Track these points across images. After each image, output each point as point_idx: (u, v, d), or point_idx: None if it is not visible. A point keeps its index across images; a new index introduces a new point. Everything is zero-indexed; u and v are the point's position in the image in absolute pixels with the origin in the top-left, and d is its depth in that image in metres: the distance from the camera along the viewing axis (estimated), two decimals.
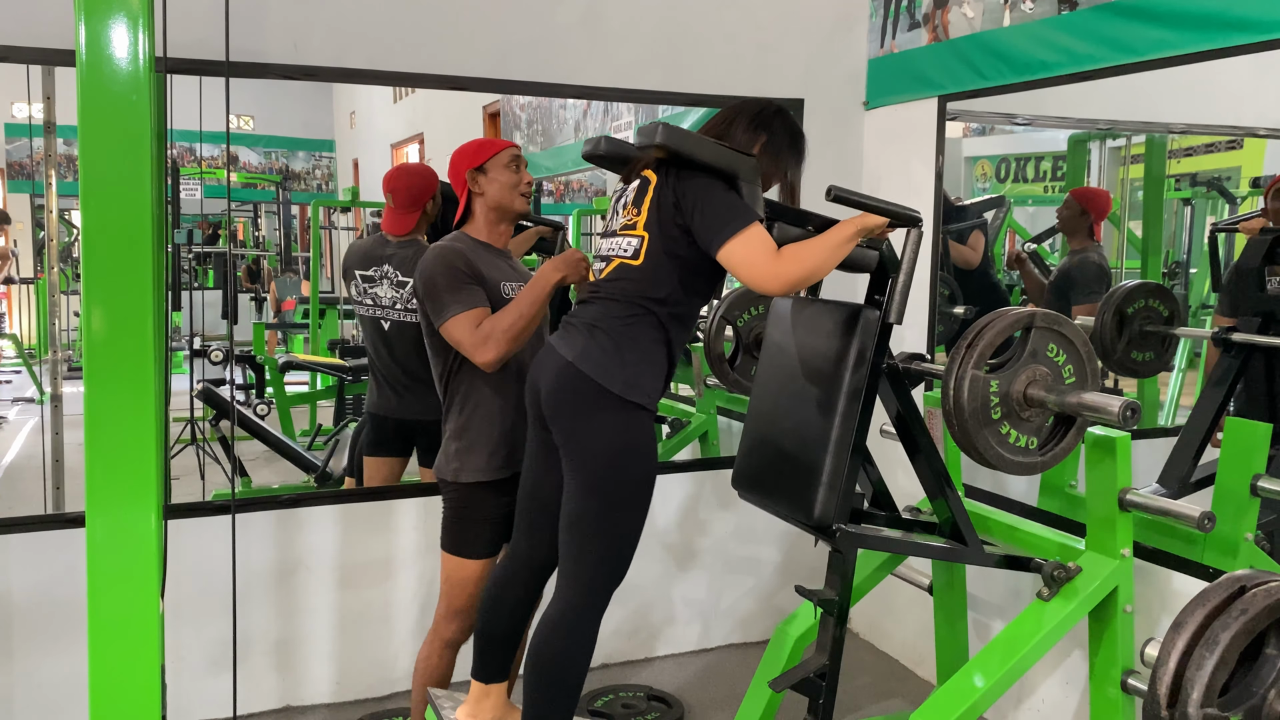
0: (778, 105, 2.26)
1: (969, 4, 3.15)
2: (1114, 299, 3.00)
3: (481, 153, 2.51)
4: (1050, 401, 2.02)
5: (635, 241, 2.13)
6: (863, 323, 2.10)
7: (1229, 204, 3.54)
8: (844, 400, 2.08)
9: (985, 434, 2.02)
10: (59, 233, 3.37)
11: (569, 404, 2.11)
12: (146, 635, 1.59)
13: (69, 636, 2.87)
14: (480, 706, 2.36)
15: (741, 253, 1.98)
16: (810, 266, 2.00)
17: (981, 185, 4.27)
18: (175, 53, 1.92)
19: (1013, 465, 2.06)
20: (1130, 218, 3.76)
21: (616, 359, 2.08)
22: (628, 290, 2.12)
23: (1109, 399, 1.95)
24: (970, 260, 3.64)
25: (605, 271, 2.18)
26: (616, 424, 2.08)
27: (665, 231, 2.09)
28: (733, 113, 2.23)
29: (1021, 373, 2.03)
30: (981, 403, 2.00)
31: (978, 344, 2.00)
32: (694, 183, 2.06)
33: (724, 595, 3.70)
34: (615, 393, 2.06)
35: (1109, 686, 2.25)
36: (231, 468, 4.01)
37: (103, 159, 1.51)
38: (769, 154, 2.19)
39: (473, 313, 2.35)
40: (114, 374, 1.54)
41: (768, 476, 2.29)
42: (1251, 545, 2.33)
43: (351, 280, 3.27)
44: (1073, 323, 2.07)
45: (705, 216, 2.02)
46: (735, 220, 2.00)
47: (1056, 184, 4.00)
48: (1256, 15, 2.31)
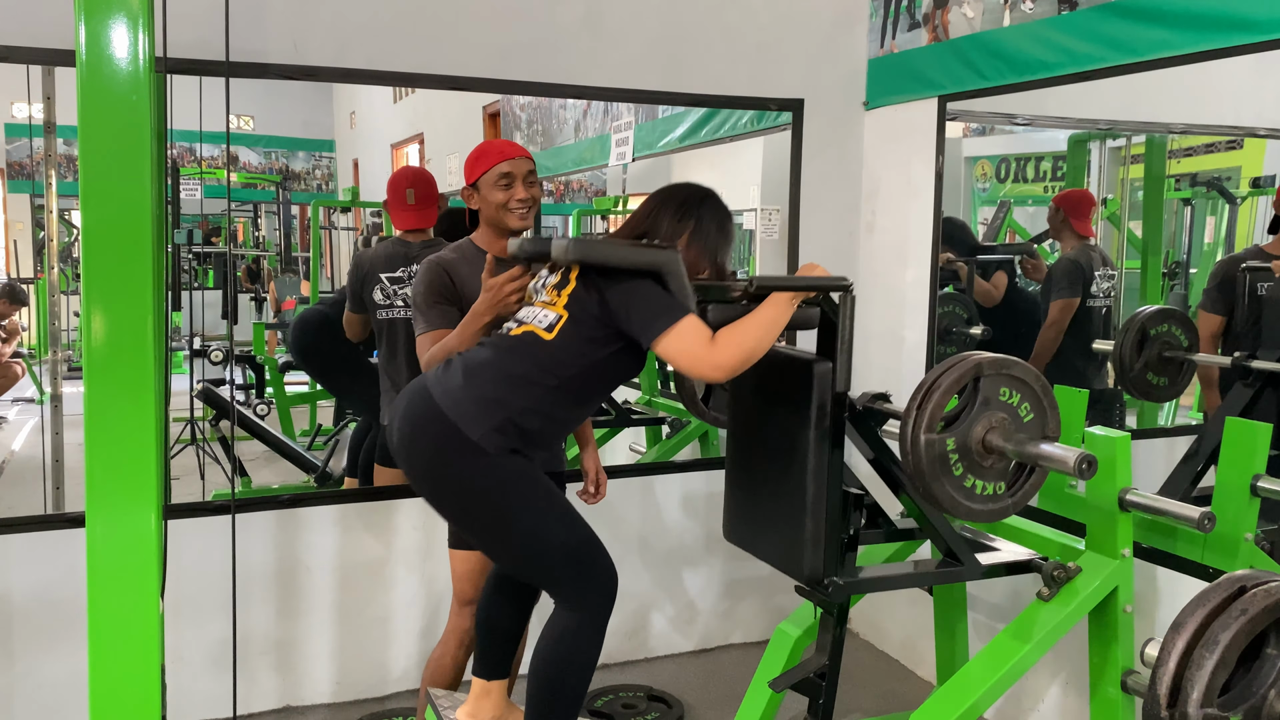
0: (704, 192, 2.23)
1: (969, 4, 3.15)
2: (1139, 319, 3.02)
3: (475, 168, 2.51)
4: (1009, 451, 2.01)
5: (553, 317, 2.09)
6: (818, 377, 2.06)
7: (1229, 204, 3.54)
8: (812, 458, 2.06)
9: (949, 491, 2.00)
10: (59, 233, 3.37)
11: (423, 449, 2.07)
12: (146, 635, 1.59)
13: (69, 636, 2.87)
14: (481, 705, 2.35)
15: (676, 347, 1.96)
16: (748, 349, 1.97)
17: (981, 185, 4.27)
18: (175, 53, 1.92)
19: (982, 514, 2.05)
20: (1130, 218, 3.76)
21: (486, 409, 2.03)
22: (529, 354, 2.07)
23: (1065, 451, 1.95)
24: (991, 297, 3.70)
25: (515, 331, 2.13)
26: (469, 466, 2.04)
27: (584, 320, 2.06)
28: (658, 202, 2.20)
29: (977, 423, 2.01)
30: (940, 462, 1.98)
31: (927, 405, 1.98)
32: (618, 286, 2.02)
33: (724, 595, 3.70)
34: (473, 440, 2.01)
35: (1109, 686, 2.25)
36: (231, 468, 4.02)
37: (103, 159, 1.51)
38: (696, 243, 2.16)
39: (431, 334, 2.43)
40: (114, 374, 1.54)
41: (754, 532, 2.30)
42: (1251, 545, 2.33)
43: (375, 284, 3.21)
44: (1022, 363, 2.04)
45: (634, 317, 2.00)
46: (665, 315, 1.97)
47: (1056, 184, 4.01)
48: (1256, 15, 2.31)
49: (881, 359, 3.60)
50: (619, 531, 3.50)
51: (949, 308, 3.52)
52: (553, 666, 2.10)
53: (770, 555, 2.24)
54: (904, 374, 3.48)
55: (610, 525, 3.47)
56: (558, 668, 2.10)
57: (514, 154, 2.51)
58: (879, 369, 3.61)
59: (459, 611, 2.55)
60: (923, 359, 3.39)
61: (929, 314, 3.39)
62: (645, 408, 4.22)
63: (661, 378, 4.27)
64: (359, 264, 3.41)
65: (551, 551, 2.10)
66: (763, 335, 1.99)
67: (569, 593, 2.11)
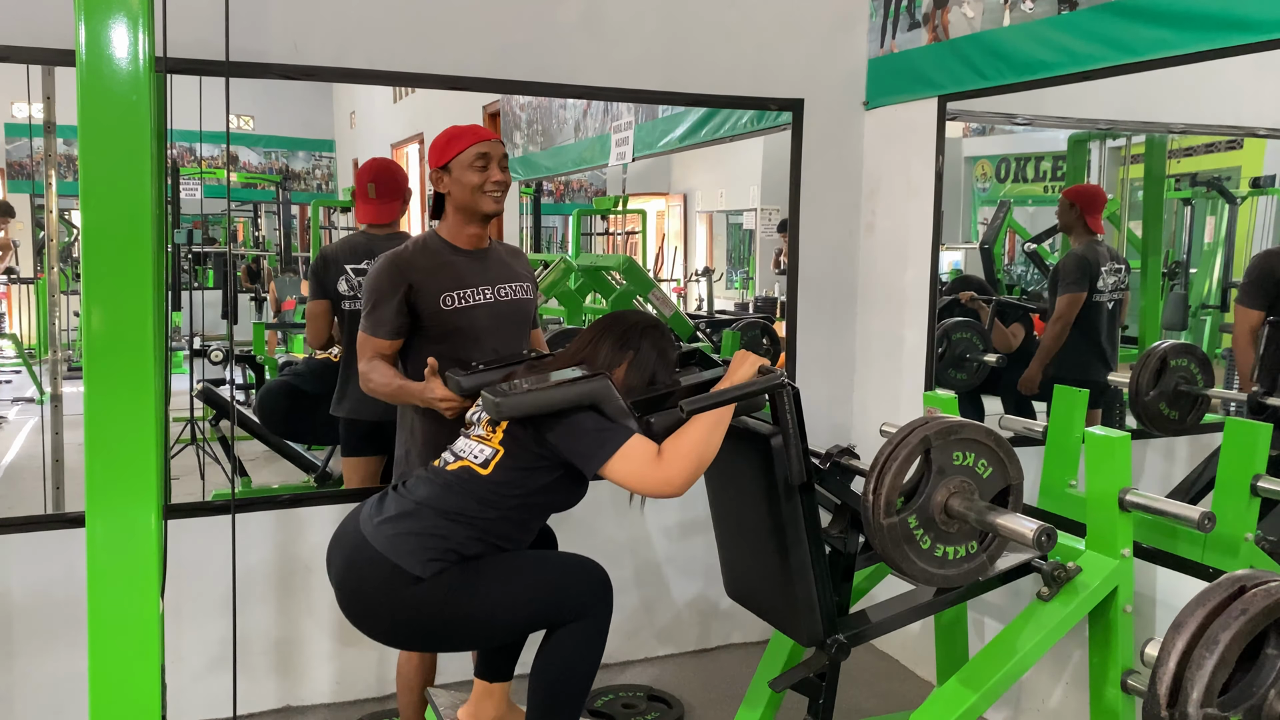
0: (648, 322, 2.23)
1: (969, 4, 3.15)
2: (1159, 351, 3.01)
3: (446, 150, 2.43)
4: (971, 519, 1.98)
5: (489, 452, 2.08)
6: (775, 453, 2.05)
7: (1229, 204, 3.54)
8: (787, 529, 2.06)
9: (920, 565, 1.99)
10: (59, 233, 3.37)
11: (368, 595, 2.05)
12: (146, 635, 1.59)
13: (69, 636, 2.87)
14: (482, 706, 2.35)
15: (625, 469, 1.95)
16: (696, 457, 1.96)
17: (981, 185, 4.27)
18: (175, 53, 1.92)
19: (957, 578, 2.05)
20: (1130, 218, 3.76)
21: (427, 542, 2.02)
22: (466, 489, 2.07)
23: (1025, 525, 1.92)
24: (1007, 346, 3.72)
25: (451, 466, 2.11)
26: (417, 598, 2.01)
27: (520, 456, 2.05)
28: (600, 331, 2.20)
29: (935, 493, 1.99)
30: (906, 540, 1.97)
31: (881, 490, 1.95)
32: (557, 426, 2.01)
33: (724, 596, 3.68)
34: (413, 573, 2.00)
35: (1109, 686, 2.25)
36: (231, 468, 4.02)
37: (103, 159, 1.51)
38: (635, 370, 2.16)
39: (372, 342, 2.44)
40: (114, 374, 1.54)
41: (753, 593, 2.33)
42: (1251, 545, 2.33)
43: (340, 275, 3.26)
44: (970, 423, 2.02)
45: (578, 449, 1.99)
46: (607, 444, 1.96)
47: (1056, 184, 4.01)
48: (1256, 15, 2.31)
49: (881, 359, 3.60)
50: (618, 532, 3.50)
51: (964, 334, 3.54)
52: (555, 670, 2.10)
53: (770, 619, 2.28)
54: (904, 374, 3.48)
55: (610, 525, 3.47)
56: (560, 672, 2.10)
57: (489, 136, 2.45)
58: (879, 369, 3.61)
59: None
60: (922, 359, 3.39)
61: (929, 314, 3.39)
62: None
63: None
64: (324, 256, 3.44)
65: (530, 617, 2.10)
66: (708, 441, 1.98)
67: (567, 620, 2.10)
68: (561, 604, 2.09)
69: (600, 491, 3.13)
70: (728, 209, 8.69)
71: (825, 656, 2.12)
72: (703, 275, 8.21)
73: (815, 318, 3.64)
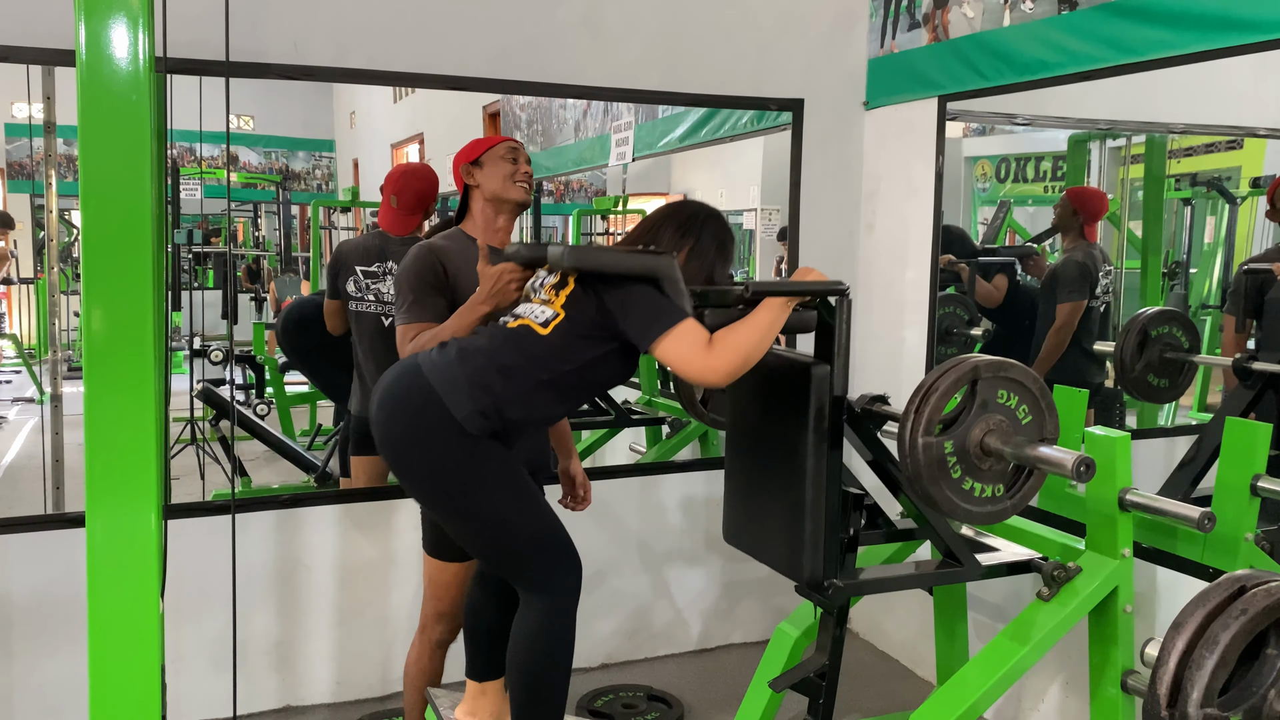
0: (709, 212, 2.23)
1: (969, 4, 3.15)
2: (1139, 321, 3.02)
3: (478, 147, 2.52)
4: (1007, 454, 2.01)
5: (550, 314, 2.10)
6: (815, 380, 2.06)
7: (1229, 204, 3.54)
8: (810, 461, 2.06)
9: (947, 494, 2.00)
10: (59, 233, 3.37)
11: (405, 421, 2.07)
12: (146, 635, 1.59)
13: (69, 636, 2.87)
14: (478, 704, 2.35)
15: (674, 350, 1.96)
16: (745, 353, 1.97)
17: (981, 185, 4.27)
18: (175, 53, 1.92)
19: (981, 516, 2.05)
20: (1130, 218, 3.76)
21: (475, 392, 2.03)
22: (523, 346, 2.08)
23: (1063, 455, 1.94)
24: (991, 300, 3.71)
25: (511, 324, 2.14)
26: (448, 444, 2.04)
27: (580, 320, 2.07)
28: (662, 219, 2.21)
29: (975, 426, 2.01)
30: (938, 465, 1.98)
31: (925, 409, 1.97)
32: (616, 291, 2.03)
33: (724, 595, 3.70)
34: (457, 418, 2.02)
35: (1109, 686, 2.25)
36: (231, 468, 4.02)
37: (103, 159, 1.51)
38: (695, 259, 2.17)
39: (414, 326, 2.39)
40: (114, 374, 1.54)
41: (754, 535, 2.30)
42: (1251, 545, 2.33)
43: (350, 275, 3.27)
44: (1019, 365, 2.04)
45: (632, 321, 2.00)
46: (663, 319, 1.97)
47: (1056, 184, 4.00)
48: (1256, 15, 2.31)
49: (881, 359, 3.60)
50: (619, 531, 3.50)
51: (950, 308, 3.52)
52: (529, 666, 2.09)
53: (770, 558, 2.24)
54: (903, 374, 3.48)
55: (610, 525, 3.47)
56: (534, 667, 2.09)
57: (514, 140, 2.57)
58: (878, 369, 3.61)
59: (434, 621, 2.52)
60: (922, 359, 3.39)
61: (929, 314, 3.39)
62: (645, 408, 4.22)
63: (661, 378, 4.27)
64: (338, 254, 3.46)
65: (521, 539, 2.10)
66: (759, 339, 1.99)
67: (534, 580, 2.10)
68: (544, 562, 2.09)
69: (600, 491, 3.13)
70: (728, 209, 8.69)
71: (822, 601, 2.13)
72: None
73: None
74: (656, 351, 1.98)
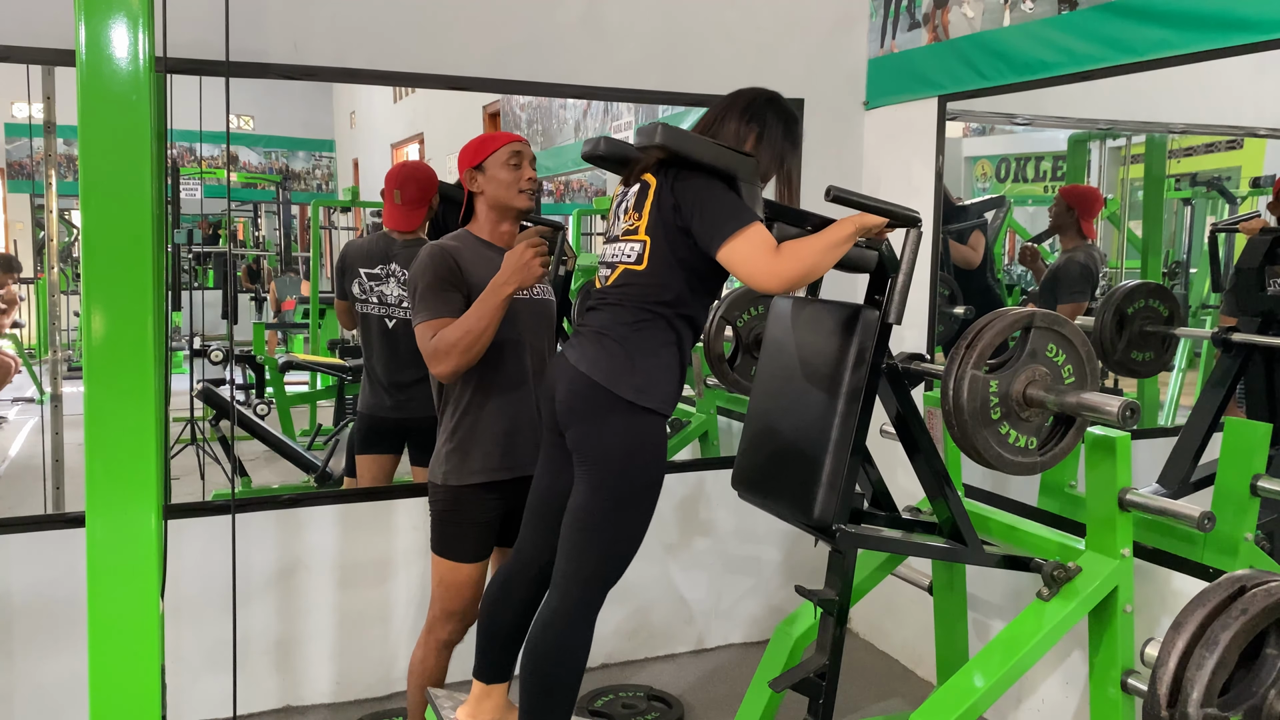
0: (769, 95, 2.24)
1: (969, 4, 3.15)
2: (1114, 299, 2.99)
3: (481, 150, 2.48)
4: (1050, 402, 2.02)
5: (638, 246, 2.13)
6: (862, 322, 2.09)
7: (1229, 204, 3.54)
8: (844, 400, 2.08)
9: (985, 434, 2.01)
10: (59, 233, 3.37)
11: (580, 411, 2.10)
12: (146, 635, 1.59)
13: (69, 636, 2.87)
14: (481, 707, 2.35)
15: (742, 251, 1.97)
16: (809, 264, 1.99)
17: (981, 185, 4.27)
18: (175, 53, 1.92)
19: (1013, 465, 2.06)
20: (1130, 218, 3.76)
21: (627, 365, 2.07)
22: (634, 295, 2.11)
23: (1108, 399, 1.95)
24: (971, 260, 3.66)
25: (610, 278, 2.17)
26: (628, 428, 2.08)
27: (668, 235, 2.09)
28: (724, 109, 2.21)
29: (1021, 373, 2.03)
30: (981, 403, 1.99)
31: (977, 344, 2.00)
32: (692, 183, 2.05)
33: (724, 595, 3.70)
34: (626, 399, 2.06)
35: (1109, 686, 2.25)
36: (231, 468, 4.02)
37: (103, 159, 1.51)
38: (765, 147, 2.18)
39: (435, 322, 2.34)
40: (114, 374, 1.54)
41: (767, 477, 2.28)
42: (1251, 545, 2.33)
43: (354, 278, 3.28)
44: (1072, 323, 2.06)
45: (705, 217, 2.02)
46: (734, 219, 1.99)
47: (1056, 184, 4.00)
48: (1256, 15, 2.31)
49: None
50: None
51: None
52: (545, 663, 2.10)
53: (780, 500, 2.23)
54: None
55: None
56: (550, 664, 2.10)
57: (521, 139, 2.52)
58: None
59: (442, 621, 2.50)
60: None
61: (929, 314, 3.40)
62: None
63: None
64: (343, 256, 3.46)
65: (614, 530, 2.11)
66: (825, 256, 2.01)
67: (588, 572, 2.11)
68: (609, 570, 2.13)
69: None
70: None
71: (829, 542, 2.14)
72: None
73: None
74: (723, 251, 1.99)
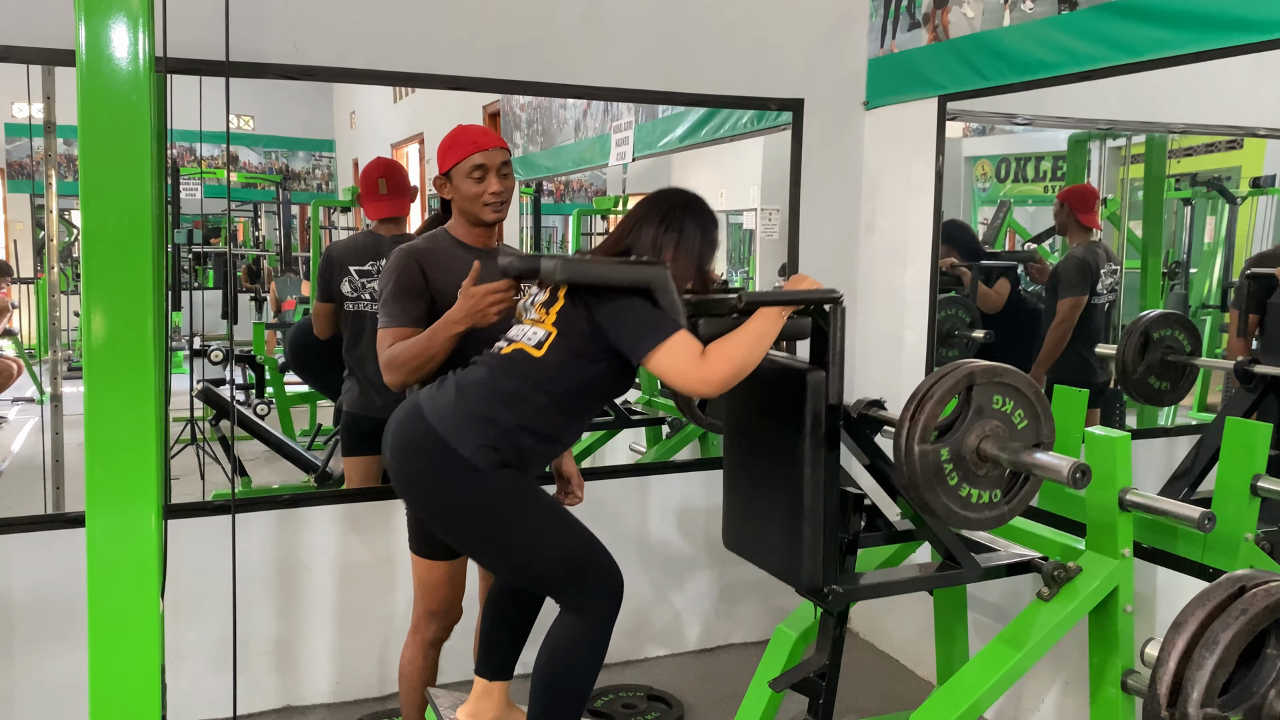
0: (687, 200, 2.22)
1: (969, 4, 3.15)
2: (1141, 323, 3.02)
3: (447, 158, 2.43)
4: (1003, 460, 2.00)
5: (542, 334, 2.10)
6: (811, 386, 2.06)
7: (1229, 204, 3.54)
8: (808, 467, 2.06)
9: (944, 501, 1.99)
10: (59, 233, 3.37)
11: (415, 467, 2.09)
12: (146, 635, 1.59)
13: (69, 636, 2.87)
14: (482, 705, 2.35)
15: (667, 362, 1.95)
16: (738, 363, 1.97)
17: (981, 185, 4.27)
18: (175, 53, 1.92)
19: (979, 522, 2.05)
20: (1130, 218, 3.77)
21: (477, 426, 2.05)
22: (520, 371, 2.09)
23: (1059, 461, 1.93)
24: (994, 305, 3.73)
25: (505, 350, 2.15)
26: (461, 483, 2.05)
27: (572, 338, 2.07)
28: (642, 215, 2.19)
29: (971, 432, 2.00)
30: (935, 472, 1.97)
31: (920, 416, 1.96)
32: (606, 307, 2.02)
33: (724, 595, 3.70)
34: (464, 455, 2.03)
35: (1109, 686, 2.25)
36: (231, 468, 4.02)
37: (103, 159, 1.50)
38: (683, 253, 2.15)
39: (394, 331, 2.36)
40: (114, 374, 1.53)
41: (753, 539, 2.31)
42: (1251, 545, 2.32)
43: (344, 276, 3.29)
44: (1014, 370, 2.03)
45: (625, 333, 2.00)
46: (655, 332, 1.96)
47: (1056, 184, 4.01)
48: (1256, 15, 2.31)
49: (881, 359, 3.60)
50: (618, 531, 3.50)
51: (951, 311, 3.52)
52: (557, 669, 2.10)
53: (769, 563, 2.25)
54: (903, 374, 3.48)
55: (610, 525, 3.46)
56: (562, 670, 2.10)
57: (488, 144, 2.41)
58: (878, 369, 3.61)
59: (426, 621, 2.50)
60: (922, 359, 3.39)
61: (929, 314, 3.39)
62: (645, 408, 4.23)
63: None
64: (329, 256, 3.46)
65: (551, 562, 2.11)
66: (753, 349, 1.99)
67: (572, 599, 2.12)
68: (580, 577, 2.10)
69: (601, 490, 3.13)
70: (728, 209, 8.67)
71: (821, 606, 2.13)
72: None
73: None
74: (649, 364, 1.97)
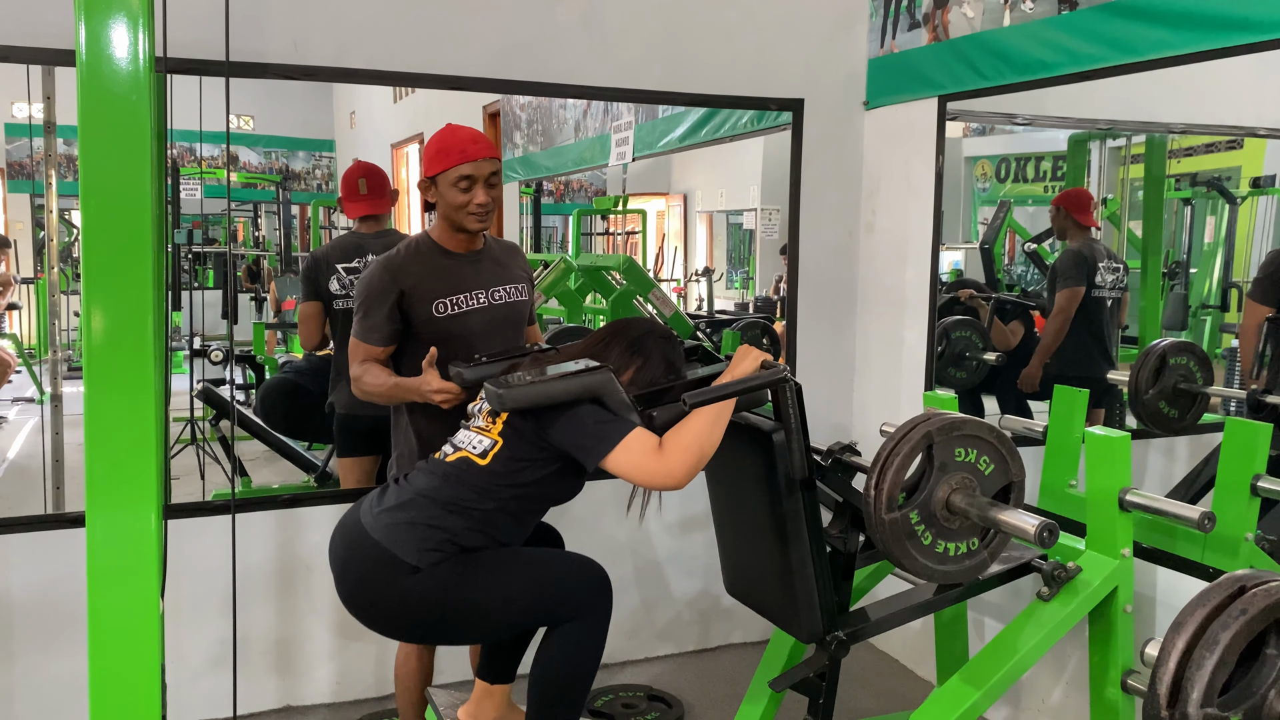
0: (661, 333, 2.22)
1: (969, 4, 3.15)
2: (1158, 349, 3.02)
3: (434, 164, 2.41)
4: (973, 515, 1.98)
5: (488, 443, 2.09)
6: (777, 449, 2.05)
7: (1229, 204, 3.55)
8: (789, 525, 2.06)
9: (922, 561, 1.99)
10: (59, 233, 3.37)
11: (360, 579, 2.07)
12: (146, 635, 1.59)
13: (69, 636, 2.87)
14: (482, 705, 2.35)
15: (625, 461, 1.95)
16: (697, 450, 1.96)
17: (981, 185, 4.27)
18: (175, 53, 1.92)
19: (960, 573, 2.04)
20: (1130, 218, 3.77)
21: (420, 533, 2.03)
22: (465, 480, 2.08)
23: (1027, 520, 1.90)
24: (1005, 344, 3.76)
25: (450, 457, 2.13)
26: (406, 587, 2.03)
27: (519, 447, 2.06)
28: (612, 335, 2.20)
29: (938, 489, 1.98)
30: (908, 536, 1.96)
31: (884, 485, 1.95)
32: (559, 419, 2.02)
33: (724, 595, 3.68)
34: (410, 563, 2.01)
35: (1109, 686, 2.25)
36: (231, 468, 4.02)
37: (103, 159, 1.51)
38: (641, 376, 2.15)
39: (362, 347, 2.43)
40: (114, 374, 1.54)
41: (752, 593, 2.33)
42: (1251, 545, 2.33)
43: (331, 274, 3.33)
44: (970, 419, 2.01)
45: (580, 443, 1.99)
46: (609, 436, 1.96)
47: (1056, 184, 4.01)
48: (1256, 15, 2.31)
49: (881, 359, 3.60)
50: (618, 531, 3.50)
51: (964, 333, 3.54)
52: (554, 670, 2.10)
53: (771, 614, 2.28)
54: (904, 375, 3.48)
55: (609, 525, 3.47)
56: (560, 671, 2.10)
57: (476, 154, 2.37)
58: (879, 369, 3.61)
59: None
60: (922, 359, 3.39)
61: (929, 314, 3.39)
62: None
63: None
64: (315, 257, 3.53)
65: (527, 611, 2.10)
66: (709, 434, 1.98)
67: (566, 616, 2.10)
68: (561, 600, 2.09)
69: (600, 490, 3.13)
70: (728, 209, 8.69)
71: (825, 654, 2.12)
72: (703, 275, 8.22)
73: (815, 318, 3.64)
74: (608, 466, 1.97)
